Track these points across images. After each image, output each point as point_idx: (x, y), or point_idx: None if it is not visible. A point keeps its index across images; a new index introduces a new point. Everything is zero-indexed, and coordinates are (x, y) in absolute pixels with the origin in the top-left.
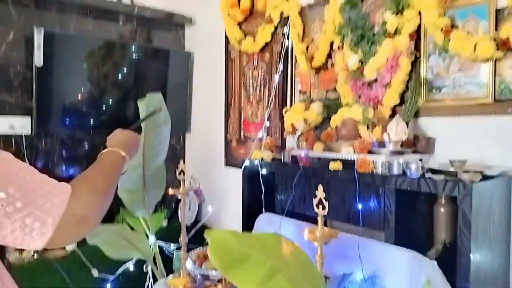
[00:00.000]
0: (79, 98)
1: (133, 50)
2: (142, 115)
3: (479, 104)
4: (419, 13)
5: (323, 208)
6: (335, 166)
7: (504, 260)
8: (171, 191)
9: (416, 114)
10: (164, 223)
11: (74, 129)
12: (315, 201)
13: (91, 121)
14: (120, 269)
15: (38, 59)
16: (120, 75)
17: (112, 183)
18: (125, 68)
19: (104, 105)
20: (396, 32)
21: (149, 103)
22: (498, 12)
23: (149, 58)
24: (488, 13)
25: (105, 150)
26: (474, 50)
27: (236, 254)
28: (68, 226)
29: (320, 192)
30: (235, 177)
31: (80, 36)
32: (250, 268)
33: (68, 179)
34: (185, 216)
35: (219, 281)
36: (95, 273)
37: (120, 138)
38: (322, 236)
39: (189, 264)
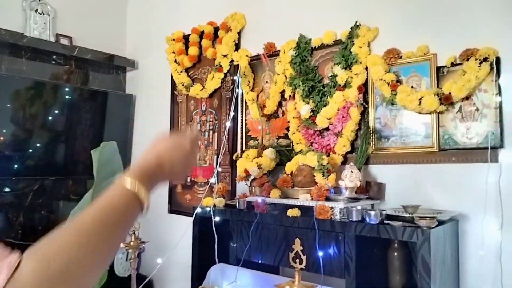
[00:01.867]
0: (3, 141)
1: (68, 91)
2: (95, 165)
3: (425, 152)
4: (366, 68)
5: (301, 262)
6: (293, 212)
7: None
8: (122, 245)
9: (367, 162)
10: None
11: None
12: (291, 255)
13: (15, 166)
14: None
15: None
16: (51, 117)
17: (103, 250)
18: (57, 110)
19: (30, 149)
20: (346, 84)
21: (103, 152)
22: (438, 69)
23: (85, 100)
24: (430, 70)
25: (117, 183)
26: (420, 103)
27: None
28: None
29: (298, 245)
30: (181, 224)
31: (10, 76)
32: None
33: None
34: (127, 267)
35: None
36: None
37: (158, 155)
38: None
39: None
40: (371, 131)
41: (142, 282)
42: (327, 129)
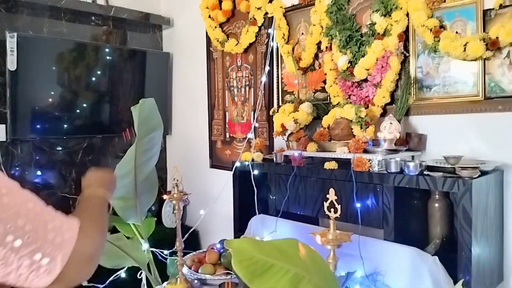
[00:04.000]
0: (53, 103)
1: (108, 51)
2: (136, 121)
3: (470, 101)
4: (407, 15)
5: (335, 211)
6: (330, 165)
7: (499, 251)
8: (165, 197)
9: (407, 113)
10: None
11: (48, 134)
12: (326, 204)
13: (65, 126)
14: (111, 278)
15: (11, 63)
16: (94, 78)
17: (106, 224)
18: (99, 71)
19: (78, 110)
20: (385, 33)
21: (142, 109)
22: (485, 13)
23: (125, 60)
24: (476, 14)
25: (86, 193)
26: (464, 50)
27: (259, 264)
28: (76, 264)
29: (332, 195)
30: (222, 178)
31: (53, 39)
32: (275, 277)
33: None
34: (175, 219)
35: (220, 285)
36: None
37: (96, 180)
38: (335, 239)
39: (185, 270)
40: (412, 81)
41: (193, 234)
42: (365, 80)
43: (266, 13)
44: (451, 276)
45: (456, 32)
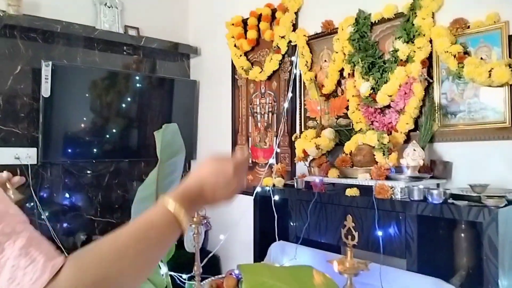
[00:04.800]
0: (84, 128)
1: (138, 79)
2: (158, 145)
3: (496, 128)
4: (430, 41)
5: (353, 238)
6: (352, 192)
7: None
8: None
9: (432, 139)
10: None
11: (78, 158)
12: (343, 231)
13: (95, 150)
14: None
15: (45, 90)
16: (124, 104)
17: (136, 267)
18: (129, 98)
19: (108, 134)
20: (408, 59)
21: (165, 134)
22: (511, 38)
23: (153, 87)
24: (501, 40)
25: (159, 202)
26: (489, 76)
27: None
28: None
29: (349, 222)
30: (243, 204)
31: (86, 67)
32: None
33: (71, 207)
34: (195, 244)
35: None
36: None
37: (198, 179)
38: (352, 267)
39: None
40: (437, 107)
41: (212, 258)
42: (388, 106)
43: (290, 42)
44: None
45: (481, 58)
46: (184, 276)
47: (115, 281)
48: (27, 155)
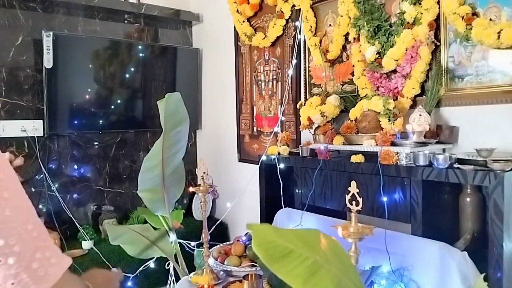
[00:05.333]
0: (89, 99)
1: (140, 48)
2: (162, 115)
3: (504, 91)
4: (438, 2)
5: (357, 204)
6: (357, 158)
7: None
8: (191, 189)
9: (438, 104)
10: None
11: (84, 129)
12: (347, 197)
13: (101, 122)
14: (141, 268)
15: (47, 61)
16: (128, 74)
17: None
18: (132, 68)
19: (113, 105)
20: (415, 22)
21: (168, 103)
22: None
23: (156, 56)
24: None
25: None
26: (498, 37)
27: (279, 248)
28: None
29: (353, 188)
30: (250, 172)
31: (88, 37)
32: (294, 262)
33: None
34: (202, 212)
35: (244, 277)
36: (114, 271)
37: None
38: (356, 232)
39: (211, 261)
40: (444, 71)
41: (220, 226)
42: (394, 71)
43: (293, 6)
44: (482, 272)
45: (490, 19)
46: (193, 243)
47: None
48: (33, 127)
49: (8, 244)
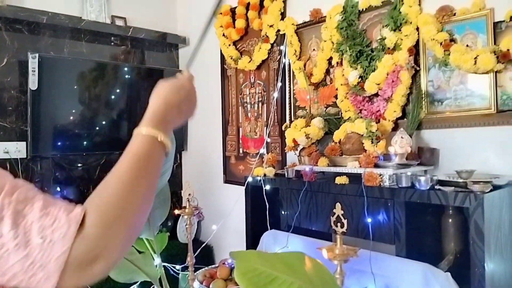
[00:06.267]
0: (73, 120)
1: (126, 70)
2: None
3: (482, 115)
4: (417, 29)
5: (342, 226)
6: (341, 180)
7: None
8: (177, 211)
9: (419, 127)
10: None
11: (68, 151)
12: (332, 219)
13: (85, 143)
14: None
15: (32, 83)
16: (113, 96)
17: (143, 191)
18: (118, 89)
19: (97, 127)
20: (395, 47)
21: None
22: (496, 25)
23: (142, 78)
24: (486, 27)
25: (135, 134)
26: (475, 63)
27: (263, 275)
28: (73, 271)
29: (338, 210)
30: (236, 194)
31: (74, 59)
32: None
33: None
34: (187, 235)
35: None
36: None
37: (164, 100)
38: (341, 254)
39: (196, 285)
40: (423, 95)
41: (205, 249)
42: (376, 94)
43: (278, 30)
44: None
45: (467, 45)
46: (178, 266)
47: (132, 210)
48: (17, 149)
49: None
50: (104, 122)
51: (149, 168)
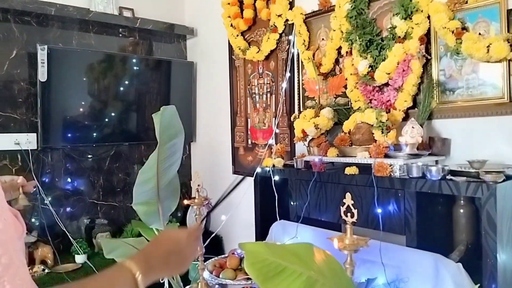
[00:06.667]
0: (83, 112)
1: (135, 62)
2: (157, 128)
3: (495, 104)
4: (428, 17)
5: (352, 216)
6: (351, 170)
7: None
8: (186, 201)
9: (430, 116)
10: None
11: (78, 142)
12: (342, 209)
13: (94, 134)
14: None
15: (42, 75)
16: (122, 87)
17: None
18: (126, 81)
19: (107, 118)
20: (406, 36)
21: (163, 116)
22: (509, 12)
23: (151, 70)
24: (499, 14)
25: (120, 262)
26: (487, 51)
27: (272, 266)
28: None
29: (348, 199)
30: (244, 184)
31: (82, 50)
32: (288, 279)
33: (73, 191)
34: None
35: None
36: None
37: (155, 247)
38: (352, 244)
39: (206, 274)
40: (435, 84)
41: (215, 239)
42: (386, 84)
43: (287, 20)
44: (477, 283)
45: (479, 34)
46: None
47: None
48: (27, 140)
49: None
50: (113, 114)
51: None
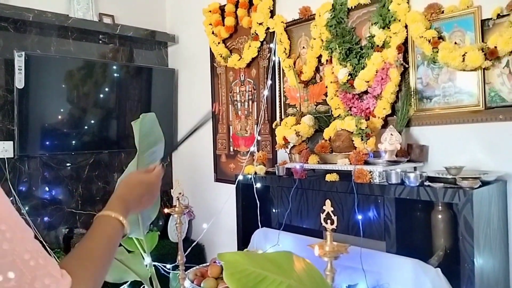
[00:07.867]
0: (61, 119)
1: (115, 69)
2: (136, 136)
3: (471, 111)
4: (406, 27)
5: (332, 222)
6: (332, 177)
7: (504, 262)
8: (166, 210)
9: (408, 124)
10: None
11: (56, 150)
12: (322, 216)
13: (73, 142)
14: None
15: (19, 82)
16: (102, 94)
17: (110, 261)
18: (106, 88)
19: (86, 126)
20: (384, 45)
21: (143, 123)
22: (483, 22)
23: (131, 77)
24: (474, 24)
25: (102, 214)
26: (463, 60)
27: (252, 276)
28: None
29: (328, 206)
30: (226, 192)
31: (61, 57)
32: None
33: (51, 201)
34: (178, 234)
35: None
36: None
37: (130, 191)
38: (332, 251)
39: (187, 284)
40: (412, 92)
41: (196, 248)
42: (366, 92)
43: (268, 28)
44: None
45: (455, 43)
46: (168, 266)
47: (103, 275)
48: (3, 149)
49: (7, 278)
50: (92, 121)
51: (115, 245)
